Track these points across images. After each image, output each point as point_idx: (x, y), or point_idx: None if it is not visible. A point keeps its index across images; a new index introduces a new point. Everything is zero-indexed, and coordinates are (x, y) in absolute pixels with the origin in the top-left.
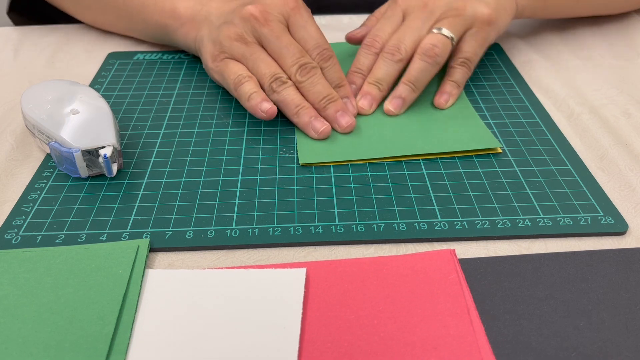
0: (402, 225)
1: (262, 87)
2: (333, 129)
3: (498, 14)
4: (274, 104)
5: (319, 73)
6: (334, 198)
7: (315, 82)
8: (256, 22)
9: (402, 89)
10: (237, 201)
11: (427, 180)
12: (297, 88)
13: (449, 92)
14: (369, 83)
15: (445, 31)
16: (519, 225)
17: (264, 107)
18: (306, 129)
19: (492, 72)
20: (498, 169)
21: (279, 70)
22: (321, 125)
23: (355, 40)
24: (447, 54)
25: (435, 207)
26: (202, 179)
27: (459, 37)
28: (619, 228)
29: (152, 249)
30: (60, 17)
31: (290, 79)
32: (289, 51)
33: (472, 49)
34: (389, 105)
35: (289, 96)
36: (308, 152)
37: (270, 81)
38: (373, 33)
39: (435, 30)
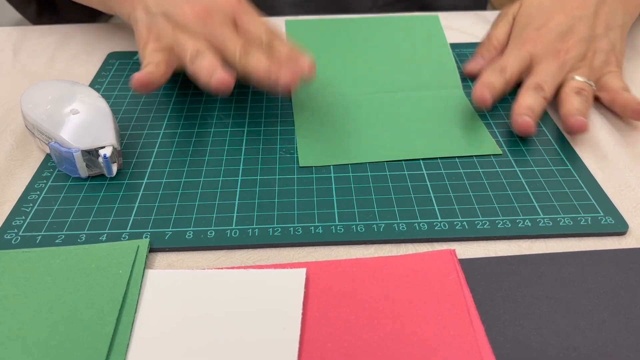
0: (402, 225)
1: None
2: (276, 84)
3: (622, 56)
4: (193, 74)
5: (261, 51)
6: (334, 198)
7: (258, 56)
8: (198, 19)
9: (572, 115)
10: (237, 201)
11: (427, 180)
12: (237, 68)
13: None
14: (520, 111)
15: (582, 78)
16: (519, 225)
17: (148, 66)
18: (205, 77)
19: None
20: (498, 169)
21: (205, 46)
22: (221, 75)
23: (474, 74)
24: (592, 98)
25: (435, 208)
26: (202, 179)
27: (594, 82)
28: (619, 228)
29: (152, 249)
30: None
31: (230, 62)
32: (232, 41)
33: (622, 82)
34: (574, 125)
35: (205, 60)
36: (308, 154)
37: (191, 52)
38: (501, 64)
39: (577, 77)
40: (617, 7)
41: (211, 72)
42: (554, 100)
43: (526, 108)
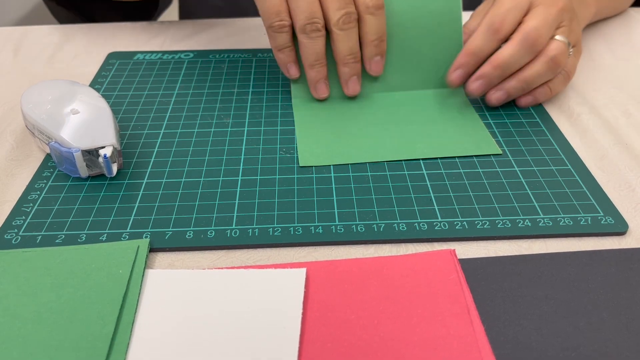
0: (402, 225)
1: (293, 23)
2: (342, 88)
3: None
4: (299, 40)
5: (356, 29)
6: (334, 198)
7: (351, 37)
8: None
9: (514, 85)
10: (237, 201)
11: (427, 180)
12: (331, 34)
13: (535, 95)
14: (494, 67)
15: (563, 39)
16: (519, 225)
17: (292, 71)
18: (311, 84)
19: None
20: (498, 169)
21: (319, 13)
22: (324, 93)
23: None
24: (559, 68)
25: (435, 207)
26: (202, 179)
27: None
28: (619, 228)
29: (152, 249)
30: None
31: (328, 25)
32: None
33: (571, 67)
34: (492, 96)
35: (316, 46)
36: (308, 154)
37: (306, 22)
38: (499, 17)
39: (559, 37)
40: (578, 6)
41: (318, 64)
42: None
43: (499, 67)
